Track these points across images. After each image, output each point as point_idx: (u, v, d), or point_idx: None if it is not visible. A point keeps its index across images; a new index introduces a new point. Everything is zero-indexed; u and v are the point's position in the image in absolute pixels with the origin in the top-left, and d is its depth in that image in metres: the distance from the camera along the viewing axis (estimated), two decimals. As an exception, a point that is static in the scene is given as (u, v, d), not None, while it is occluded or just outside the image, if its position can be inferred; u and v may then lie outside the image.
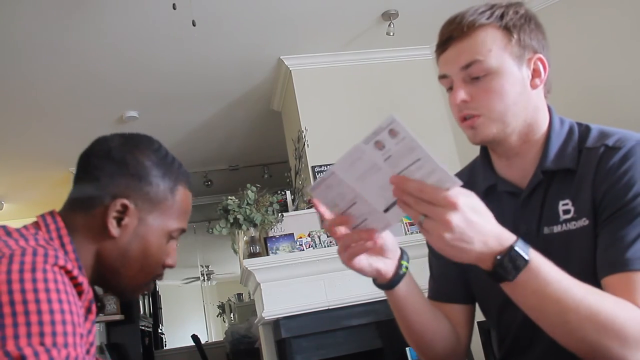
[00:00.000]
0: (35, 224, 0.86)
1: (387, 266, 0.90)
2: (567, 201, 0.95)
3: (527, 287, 0.76)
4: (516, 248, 0.74)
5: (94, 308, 0.85)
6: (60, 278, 0.71)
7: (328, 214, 0.81)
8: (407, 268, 0.93)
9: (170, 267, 0.94)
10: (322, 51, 4.00)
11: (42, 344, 0.64)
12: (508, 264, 0.73)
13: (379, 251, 0.89)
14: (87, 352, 0.81)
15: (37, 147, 4.89)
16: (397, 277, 0.92)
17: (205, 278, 10.41)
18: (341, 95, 4.03)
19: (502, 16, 0.96)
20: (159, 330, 8.15)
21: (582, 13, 3.60)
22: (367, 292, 3.04)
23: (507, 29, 0.96)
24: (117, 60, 3.70)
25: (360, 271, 0.88)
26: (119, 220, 0.88)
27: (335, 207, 0.80)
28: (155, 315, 7.77)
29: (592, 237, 0.91)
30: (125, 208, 0.88)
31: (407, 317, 0.99)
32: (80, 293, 0.78)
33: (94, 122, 4.57)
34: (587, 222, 0.92)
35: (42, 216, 0.87)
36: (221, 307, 10.42)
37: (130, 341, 5.05)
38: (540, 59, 0.98)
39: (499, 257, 0.73)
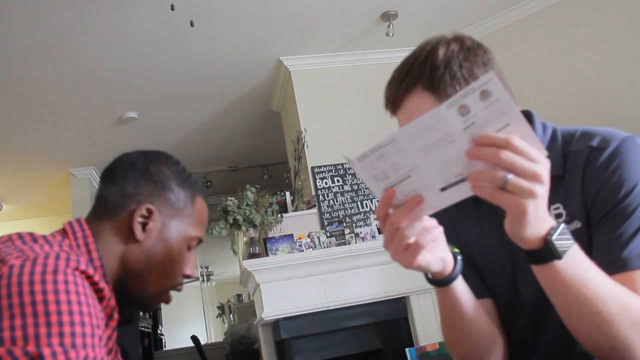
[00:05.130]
0: (62, 231, 0.89)
1: (447, 255, 0.84)
2: (557, 205, 0.95)
3: (568, 270, 0.76)
4: (563, 225, 0.75)
5: (115, 315, 0.87)
6: (80, 281, 0.74)
7: (375, 188, 0.73)
8: (461, 255, 0.88)
9: (189, 277, 0.98)
10: (321, 52, 4.00)
11: (61, 344, 0.66)
12: (558, 241, 0.74)
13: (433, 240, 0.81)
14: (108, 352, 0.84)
15: (36, 148, 4.88)
16: (458, 268, 0.86)
17: (205, 279, 10.42)
18: (341, 96, 4.03)
19: (431, 71, 0.88)
20: (159, 331, 8.15)
21: (582, 13, 3.60)
22: (366, 292, 3.03)
23: (434, 88, 0.88)
24: (116, 62, 3.70)
25: (427, 266, 0.81)
26: (144, 225, 0.92)
27: (384, 179, 0.71)
28: (155, 316, 7.77)
29: (585, 240, 0.91)
30: (150, 213, 0.92)
31: (463, 317, 0.91)
32: (101, 299, 0.81)
33: (94, 123, 4.58)
34: (579, 224, 0.92)
35: (69, 223, 0.90)
36: (221, 308, 10.42)
37: (130, 342, 5.03)
38: None
39: (552, 232, 0.73)
